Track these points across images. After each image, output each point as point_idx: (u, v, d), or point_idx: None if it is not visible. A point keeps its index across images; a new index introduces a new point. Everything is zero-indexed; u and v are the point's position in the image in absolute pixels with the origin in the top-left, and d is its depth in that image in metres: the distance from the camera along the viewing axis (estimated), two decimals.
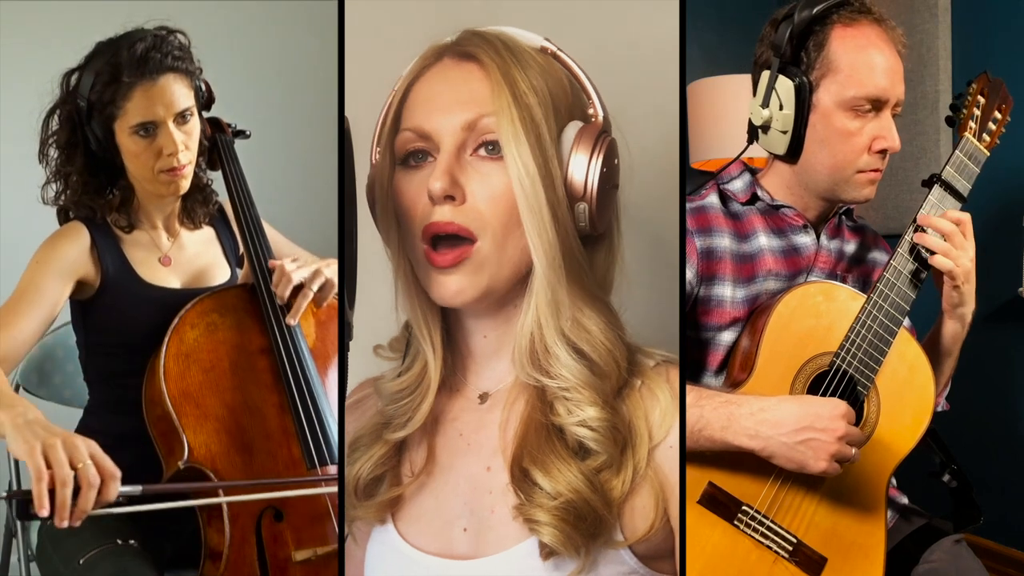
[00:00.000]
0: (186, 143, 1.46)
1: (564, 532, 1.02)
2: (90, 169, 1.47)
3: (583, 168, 1.07)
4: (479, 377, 1.14)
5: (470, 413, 1.13)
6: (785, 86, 1.32)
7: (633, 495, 1.04)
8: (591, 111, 1.11)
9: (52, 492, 1.09)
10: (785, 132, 1.34)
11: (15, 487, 1.67)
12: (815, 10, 1.30)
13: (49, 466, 1.10)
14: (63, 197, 1.50)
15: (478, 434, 1.12)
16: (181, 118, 1.45)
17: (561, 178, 1.07)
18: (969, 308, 1.33)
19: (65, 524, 1.10)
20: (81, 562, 1.36)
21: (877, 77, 1.30)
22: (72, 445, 1.13)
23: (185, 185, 1.49)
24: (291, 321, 1.49)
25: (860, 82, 1.29)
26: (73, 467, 1.11)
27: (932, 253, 1.28)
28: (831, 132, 1.32)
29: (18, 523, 1.65)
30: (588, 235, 1.09)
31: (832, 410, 1.19)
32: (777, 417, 1.19)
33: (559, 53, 1.11)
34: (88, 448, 1.14)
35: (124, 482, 1.47)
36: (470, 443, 1.12)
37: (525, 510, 1.04)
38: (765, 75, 1.35)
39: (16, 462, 1.70)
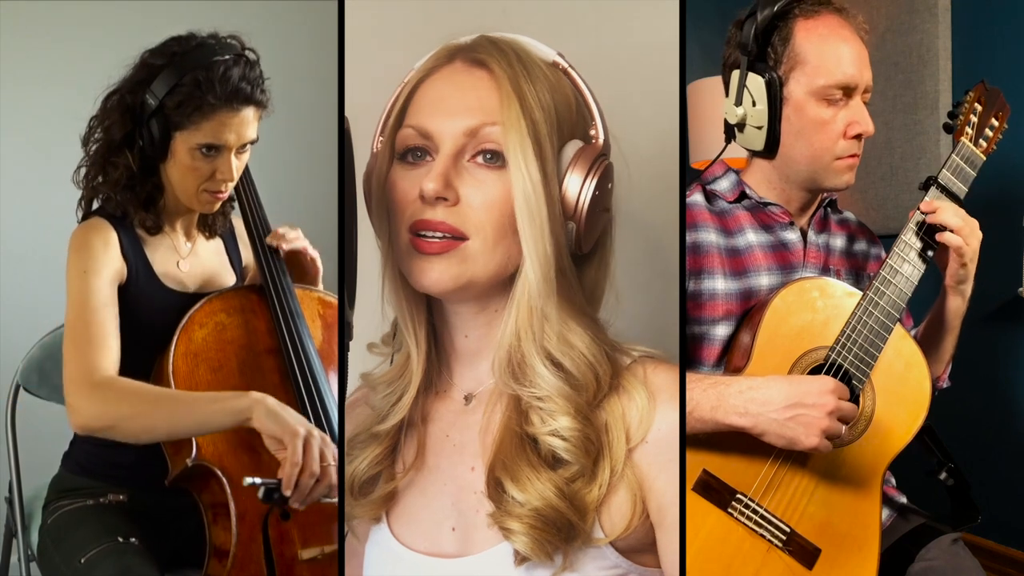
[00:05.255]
0: (238, 170, 1.47)
1: (536, 539, 1.03)
2: (136, 164, 1.45)
3: (577, 188, 1.08)
4: (463, 378, 1.15)
5: (455, 414, 1.14)
6: (756, 83, 1.35)
7: (611, 494, 1.05)
8: (592, 132, 1.12)
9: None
10: (760, 128, 1.36)
11: (15, 487, 1.68)
12: (776, 7, 1.33)
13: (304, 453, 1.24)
14: (95, 185, 1.48)
15: (463, 435, 1.13)
16: (242, 148, 1.45)
17: (558, 196, 1.08)
18: (970, 285, 1.35)
19: (297, 506, 1.26)
20: (83, 561, 1.37)
21: (844, 65, 1.32)
22: (326, 444, 1.26)
23: (218, 207, 1.51)
24: (271, 242, 1.53)
25: (828, 71, 1.32)
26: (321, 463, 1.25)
27: (937, 240, 1.29)
28: (805, 123, 1.34)
29: (18, 523, 1.66)
30: (573, 253, 1.10)
31: (821, 386, 1.20)
32: (766, 395, 1.20)
33: (569, 70, 1.12)
34: (333, 452, 1.26)
35: (124, 482, 1.48)
36: (455, 444, 1.13)
37: (498, 518, 1.05)
38: (735, 75, 1.37)
39: (16, 462, 1.70)
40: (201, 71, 1.39)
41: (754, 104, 1.35)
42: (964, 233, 1.28)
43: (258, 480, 1.25)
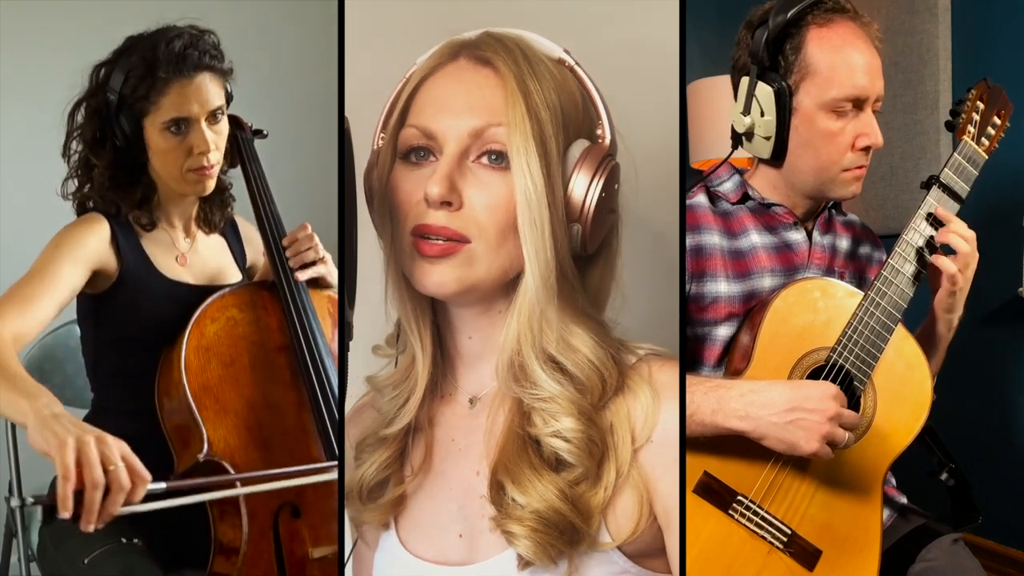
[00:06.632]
0: (216, 143, 1.46)
1: (539, 543, 1.01)
2: (115, 165, 1.46)
3: (583, 189, 1.06)
4: (467, 380, 1.14)
5: (461, 418, 1.13)
6: (765, 92, 1.33)
7: (616, 497, 1.03)
8: (599, 132, 1.10)
9: (79, 493, 1.03)
10: (768, 138, 1.35)
11: (15, 488, 1.68)
12: (789, 14, 1.31)
13: (79, 465, 1.04)
14: (85, 191, 1.49)
15: (468, 439, 1.12)
16: (213, 117, 1.45)
17: (562, 197, 1.06)
18: (958, 315, 1.35)
19: (91, 528, 1.05)
20: (86, 561, 1.36)
21: (856, 76, 1.30)
22: (105, 444, 1.08)
23: (211, 185, 1.49)
24: (298, 275, 1.50)
25: (840, 83, 1.30)
26: (104, 468, 1.05)
27: (935, 251, 1.29)
28: (814, 134, 1.33)
29: (18, 523, 1.66)
30: (578, 255, 1.08)
31: (823, 392, 1.20)
32: (767, 398, 1.20)
33: (576, 68, 1.10)
34: (120, 449, 1.09)
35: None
36: (461, 448, 1.12)
37: (499, 521, 1.04)
38: (744, 81, 1.36)
39: (16, 462, 1.70)
40: (148, 51, 1.40)
41: (762, 114, 1.34)
42: (962, 264, 1.27)
43: (29, 499, 1.11)
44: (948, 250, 1.30)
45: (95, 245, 1.43)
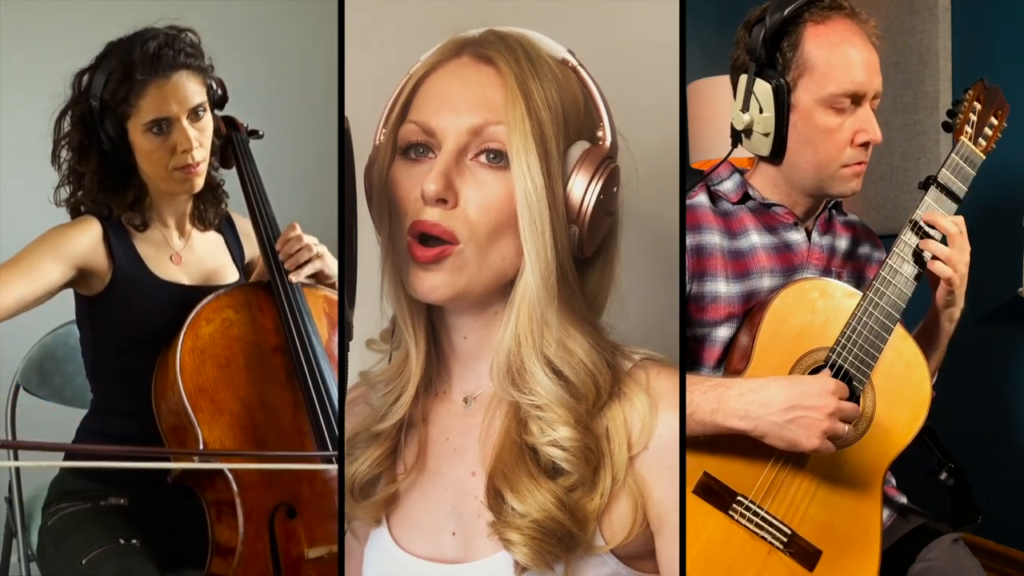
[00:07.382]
0: (200, 140, 1.46)
1: (535, 550, 1.01)
2: (104, 169, 1.47)
3: (581, 191, 1.06)
4: (463, 380, 1.13)
5: (455, 417, 1.13)
6: (763, 89, 1.34)
7: (612, 503, 1.04)
8: (600, 133, 1.09)
9: None
10: (767, 135, 1.35)
11: (16, 490, 1.68)
12: (786, 11, 1.32)
13: None
14: (77, 197, 1.50)
15: (463, 439, 1.12)
16: (194, 115, 1.45)
17: (562, 198, 1.05)
18: (959, 308, 1.35)
19: None
20: (84, 562, 1.37)
21: (853, 72, 1.31)
22: None
23: (199, 183, 1.49)
24: (292, 278, 1.50)
25: (837, 79, 1.31)
26: None
27: (932, 257, 1.29)
28: (813, 130, 1.33)
29: (18, 523, 1.66)
30: (575, 257, 1.08)
31: (821, 387, 1.19)
32: (766, 397, 1.20)
33: (579, 69, 1.10)
34: None
35: (124, 485, 1.47)
36: (456, 447, 1.12)
37: (498, 528, 1.04)
38: (743, 79, 1.36)
39: (16, 466, 1.70)
40: (125, 55, 1.41)
41: (761, 111, 1.35)
42: (953, 261, 1.28)
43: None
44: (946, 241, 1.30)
45: (83, 245, 1.44)
